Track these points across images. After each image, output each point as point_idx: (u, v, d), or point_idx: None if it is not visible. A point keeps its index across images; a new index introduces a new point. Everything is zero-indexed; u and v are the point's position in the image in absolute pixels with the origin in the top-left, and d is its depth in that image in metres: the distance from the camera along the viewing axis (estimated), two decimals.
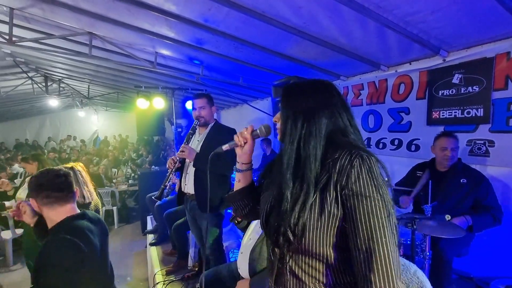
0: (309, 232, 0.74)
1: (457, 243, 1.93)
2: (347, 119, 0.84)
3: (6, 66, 5.16)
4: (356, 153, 0.72)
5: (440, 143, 2.12)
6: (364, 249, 0.69)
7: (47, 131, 12.50)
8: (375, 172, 0.72)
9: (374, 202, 0.70)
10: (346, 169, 0.72)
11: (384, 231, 0.69)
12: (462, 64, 2.31)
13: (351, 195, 0.71)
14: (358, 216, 0.70)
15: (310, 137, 0.79)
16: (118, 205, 5.68)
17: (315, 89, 0.86)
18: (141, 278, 3.66)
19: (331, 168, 0.74)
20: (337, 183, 0.73)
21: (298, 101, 0.84)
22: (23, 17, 2.74)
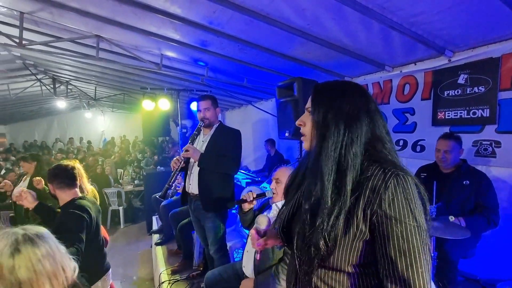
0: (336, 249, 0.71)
1: (463, 245, 1.92)
2: (383, 127, 0.76)
3: (16, 68, 5.28)
4: (391, 172, 0.66)
5: (436, 144, 2.13)
6: (399, 279, 0.65)
7: (55, 132, 12.71)
8: (411, 194, 0.66)
9: (409, 228, 0.65)
10: (380, 190, 0.66)
11: (421, 262, 0.64)
12: (467, 64, 2.29)
13: (384, 220, 0.66)
14: (392, 243, 0.65)
15: (353, 145, 0.71)
16: (124, 205, 5.74)
17: (353, 91, 0.78)
18: (147, 278, 3.70)
19: (361, 187, 0.69)
20: (368, 205, 0.67)
21: (338, 103, 0.75)
22: (32, 21, 2.81)
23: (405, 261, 0.64)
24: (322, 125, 0.75)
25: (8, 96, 6.34)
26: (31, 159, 3.18)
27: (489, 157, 2.25)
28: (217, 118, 2.34)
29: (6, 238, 0.88)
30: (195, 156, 2.12)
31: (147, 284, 3.55)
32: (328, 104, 0.75)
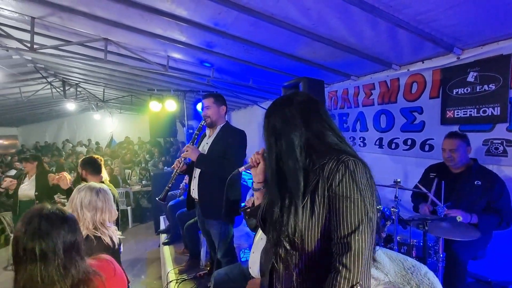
0: (303, 233, 0.81)
1: (473, 245, 1.88)
2: (322, 123, 0.88)
3: (27, 72, 5.42)
4: (342, 158, 0.79)
5: (442, 143, 2.10)
6: (342, 243, 0.76)
7: (65, 134, 12.98)
8: (358, 175, 0.78)
9: (354, 202, 0.77)
10: (332, 173, 0.79)
11: (362, 230, 0.76)
12: (477, 61, 2.25)
13: (335, 196, 0.78)
14: (340, 214, 0.78)
15: (287, 151, 0.85)
16: (132, 205, 5.83)
17: (280, 106, 0.93)
18: (155, 277, 3.75)
19: (319, 173, 0.81)
20: (324, 186, 0.80)
21: (268, 122, 0.92)
22: (43, 26, 2.88)
23: (348, 228, 0.76)
24: (265, 142, 0.93)
25: (20, 99, 6.51)
26: (32, 159, 3.47)
27: (500, 156, 2.20)
28: (221, 117, 2.22)
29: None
30: (193, 156, 2.03)
31: (155, 283, 3.59)
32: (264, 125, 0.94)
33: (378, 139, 3.24)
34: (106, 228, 1.57)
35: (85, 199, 1.53)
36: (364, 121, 3.42)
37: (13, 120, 10.44)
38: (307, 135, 0.86)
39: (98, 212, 1.55)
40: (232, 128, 2.26)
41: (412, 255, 2.01)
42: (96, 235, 1.50)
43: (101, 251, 1.43)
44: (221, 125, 2.23)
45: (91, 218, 1.52)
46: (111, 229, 1.60)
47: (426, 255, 1.83)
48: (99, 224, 1.54)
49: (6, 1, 2.41)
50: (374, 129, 3.29)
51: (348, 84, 3.53)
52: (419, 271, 1.16)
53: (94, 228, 1.53)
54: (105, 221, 1.58)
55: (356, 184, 0.77)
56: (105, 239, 1.51)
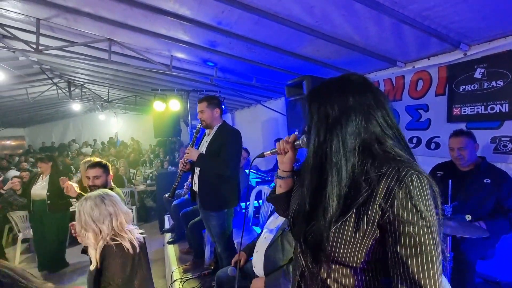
0: (341, 246, 0.70)
1: (481, 245, 1.85)
2: (382, 120, 0.72)
3: (34, 73, 5.48)
4: (405, 171, 0.65)
5: (449, 143, 2.07)
6: (410, 280, 0.64)
7: (71, 134, 13.13)
8: (425, 194, 0.64)
9: (421, 228, 0.64)
10: (393, 190, 0.64)
11: (432, 263, 0.63)
12: (484, 57, 2.21)
13: (396, 219, 0.65)
14: (403, 243, 0.65)
15: (334, 149, 0.71)
16: (137, 204, 5.87)
17: (338, 90, 0.74)
18: (160, 275, 3.77)
19: (374, 185, 0.67)
20: (380, 205, 0.66)
21: (319, 109, 0.74)
22: (48, 27, 2.91)
23: (417, 261, 0.63)
24: (308, 131, 0.79)
25: (27, 100, 6.59)
26: (48, 159, 3.60)
27: (508, 153, 2.16)
28: (215, 119, 2.33)
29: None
30: (194, 157, 2.20)
31: (160, 282, 3.61)
32: (311, 111, 0.78)
33: None
34: (126, 231, 1.52)
35: (93, 213, 1.46)
36: None
37: (20, 121, 10.59)
38: (366, 134, 0.71)
39: (113, 218, 1.50)
40: (227, 128, 2.36)
41: None
42: (115, 242, 1.46)
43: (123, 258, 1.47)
44: (217, 125, 2.35)
45: (108, 228, 1.48)
46: (131, 231, 1.56)
47: None
48: (118, 230, 1.50)
49: (12, 3, 2.44)
50: None
51: None
52: None
53: (114, 235, 1.48)
54: (123, 223, 1.53)
55: (423, 205, 0.64)
56: (125, 245, 1.48)
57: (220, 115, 2.37)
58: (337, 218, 0.70)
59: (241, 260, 2.03)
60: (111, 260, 1.45)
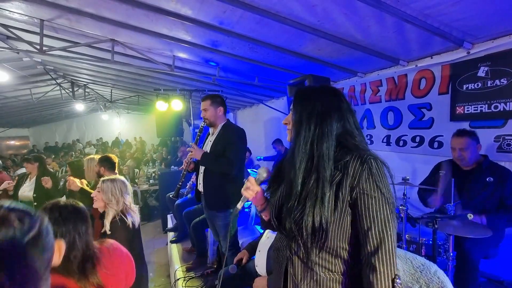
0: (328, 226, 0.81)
1: (484, 244, 1.84)
2: (353, 123, 0.91)
3: (37, 74, 5.53)
4: (366, 156, 0.82)
5: (451, 143, 2.06)
6: (374, 241, 0.79)
7: (74, 134, 13.24)
8: (381, 174, 0.82)
9: (380, 201, 0.80)
10: (358, 171, 0.81)
11: (390, 227, 0.80)
12: (488, 56, 2.19)
13: (361, 194, 0.81)
14: (368, 213, 0.80)
15: (323, 138, 0.85)
16: (140, 204, 5.90)
17: (326, 93, 0.93)
18: (163, 274, 3.79)
19: (343, 169, 0.83)
20: (350, 183, 0.81)
21: (311, 105, 0.90)
22: (52, 28, 2.93)
23: (378, 227, 0.79)
24: (297, 123, 0.90)
25: (31, 100, 6.66)
26: (34, 160, 3.41)
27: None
28: (219, 117, 2.32)
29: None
30: (198, 156, 2.19)
31: (163, 281, 3.63)
32: (303, 106, 0.91)
33: (386, 137, 3.20)
34: (133, 209, 1.89)
35: (123, 187, 1.88)
36: (371, 119, 3.38)
37: (25, 121, 10.69)
38: (341, 129, 0.88)
39: (128, 195, 1.91)
40: (231, 127, 2.35)
41: (421, 254, 1.97)
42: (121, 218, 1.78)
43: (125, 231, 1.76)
44: (221, 124, 2.33)
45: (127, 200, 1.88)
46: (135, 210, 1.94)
47: (436, 253, 1.80)
48: (129, 205, 1.88)
49: (16, 4, 2.46)
50: (381, 126, 3.25)
51: (354, 81, 3.49)
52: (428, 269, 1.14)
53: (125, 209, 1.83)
54: (130, 202, 1.93)
55: (381, 182, 0.81)
56: (127, 221, 1.78)
57: (224, 113, 2.35)
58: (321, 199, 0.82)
59: (243, 259, 2.04)
60: (117, 234, 1.71)
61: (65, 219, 1.10)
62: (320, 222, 0.80)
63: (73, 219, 1.11)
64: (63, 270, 1.03)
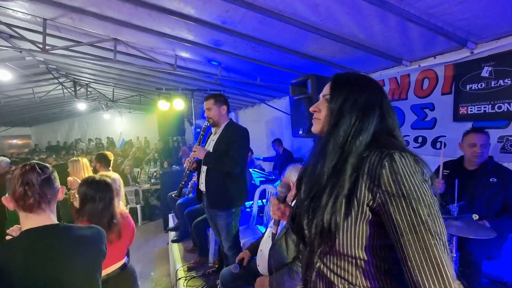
0: (339, 231, 0.71)
1: (487, 245, 1.83)
2: (392, 122, 0.80)
3: (40, 73, 5.55)
4: (386, 151, 0.67)
5: (469, 139, 2.02)
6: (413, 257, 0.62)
7: (76, 133, 13.26)
8: (408, 170, 0.65)
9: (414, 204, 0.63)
10: (376, 169, 0.67)
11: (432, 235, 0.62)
12: (492, 56, 2.18)
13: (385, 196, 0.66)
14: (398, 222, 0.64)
15: (360, 133, 0.75)
16: (141, 203, 5.91)
17: (371, 86, 0.82)
18: (164, 274, 3.79)
19: (359, 166, 0.71)
20: (366, 183, 0.69)
21: (355, 95, 0.79)
22: (54, 27, 2.94)
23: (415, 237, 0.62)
24: (337, 113, 0.79)
25: (33, 99, 6.68)
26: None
27: None
28: (223, 116, 2.32)
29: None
30: (201, 155, 2.19)
31: (164, 280, 3.63)
32: (346, 95, 0.79)
33: None
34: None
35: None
36: None
37: (27, 120, 10.72)
38: (379, 126, 0.77)
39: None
40: (235, 126, 2.34)
41: None
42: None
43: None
44: (224, 123, 2.32)
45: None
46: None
47: None
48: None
49: (19, 3, 2.47)
50: None
51: None
52: None
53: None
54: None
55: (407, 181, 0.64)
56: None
57: (227, 112, 2.35)
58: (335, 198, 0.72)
59: (245, 259, 2.04)
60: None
61: (100, 189, 1.60)
62: (329, 223, 0.70)
63: (105, 190, 1.62)
64: (98, 223, 1.42)
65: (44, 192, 1.06)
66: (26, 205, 1.02)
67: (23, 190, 1.02)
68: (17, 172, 1.06)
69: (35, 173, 1.06)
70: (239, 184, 2.29)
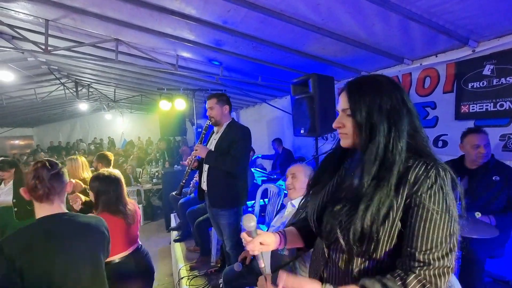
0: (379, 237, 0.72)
1: (490, 244, 1.83)
2: (417, 117, 0.78)
3: (42, 73, 5.57)
4: (432, 164, 0.70)
5: (471, 141, 1.99)
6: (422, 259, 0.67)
7: (78, 134, 13.32)
8: (447, 187, 0.69)
9: (442, 217, 0.68)
10: (421, 179, 0.69)
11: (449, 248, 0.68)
12: (493, 54, 2.18)
13: (419, 205, 0.69)
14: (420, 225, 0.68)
15: (400, 140, 0.72)
16: (143, 203, 5.93)
17: (389, 86, 0.77)
18: (166, 273, 3.81)
19: (403, 175, 0.71)
20: (408, 191, 0.70)
21: (378, 102, 0.75)
22: (56, 28, 2.95)
23: (431, 242, 0.67)
24: (367, 125, 0.75)
25: (35, 100, 6.70)
26: (8, 167, 3.19)
27: None
28: (225, 115, 2.32)
29: None
30: (203, 153, 2.20)
31: (166, 280, 3.65)
32: (369, 104, 0.75)
33: None
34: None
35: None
36: None
37: (29, 120, 10.77)
38: (409, 127, 0.75)
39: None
40: (237, 125, 2.34)
41: None
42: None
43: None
44: (226, 123, 2.33)
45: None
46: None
47: None
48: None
49: (21, 5, 2.48)
50: None
51: None
52: None
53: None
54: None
55: (446, 196, 0.68)
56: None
57: (229, 112, 2.35)
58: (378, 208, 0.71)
59: (247, 257, 2.04)
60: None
61: (112, 182, 1.81)
62: (370, 229, 0.70)
63: (116, 183, 1.82)
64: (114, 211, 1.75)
65: (53, 185, 1.23)
66: (37, 196, 1.21)
67: (34, 183, 1.20)
68: (31, 168, 1.25)
69: (45, 169, 1.23)
70: (240, 183, 2.29)
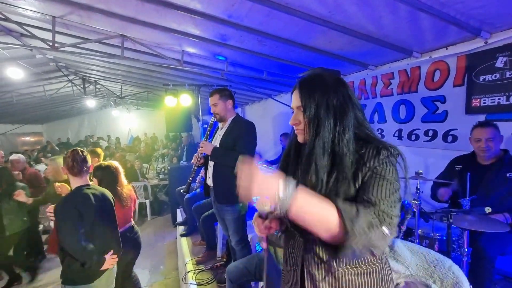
0: None
1: (501, 240, 1.79)
2: (360, 111, 0.86)
3: (50, 70, 5.65)
4: (382, 146, 0.79)
5: (474, 134, 1.99)
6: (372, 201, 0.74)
7: (85, 130, 13.50)
8: (395, 165, 0.79)
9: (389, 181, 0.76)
10: (373, 157, 0.77)
11: (390, 197, 0.75)
12: (507, 45, 2.10)
13: (372, 174, 0.77)
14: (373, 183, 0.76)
15: (345, 133, 0.80)
16: (150, 198, 6.00)
17: (336, 84, 0.84)
18: (173, 267, 3.86)
19: (358, 162, 0.79)
20: (364, 172, 0.77)
21: (325, 99, 0.81)
22: (63, 24, 2.97)
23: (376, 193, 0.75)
24: (314, 121, 0.82)
25: (44, 97, 6.81)
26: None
27: None
28: (229, 111, 2.31)
29: None
30: (208, 150, 2.21)
31: (173, 274, 3.70)
32: (318, 101, 0.82)
33: (397, 131, 3.13)
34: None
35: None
36: (382, 112, 3.31)
37: (38, 117, 10.96)
38: (354, 120, 0.83)
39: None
40: (241, 121, 2.34)
41: (435, 249, 1.94)
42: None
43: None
44: (231, 118, 2.32)
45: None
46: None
47: (450, 249, 1.76)
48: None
49: (29, 2, 2.51)
50: (393, 120, 3.18)
51: (365, 74, 3.42)
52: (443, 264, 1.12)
53: None
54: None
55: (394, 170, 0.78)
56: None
57: (233, 106, 2.35)
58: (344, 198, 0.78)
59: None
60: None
61: (112, 171, 2.37)
62: None
63: (115, 171, 2.39)
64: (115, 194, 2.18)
65: (83, 166, 1.89)
66: (74, 172, 1.86)
67: (72, 164, 1.84)
68: (69, 154, 1.88)
69: (78, 154, 1.88)
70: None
